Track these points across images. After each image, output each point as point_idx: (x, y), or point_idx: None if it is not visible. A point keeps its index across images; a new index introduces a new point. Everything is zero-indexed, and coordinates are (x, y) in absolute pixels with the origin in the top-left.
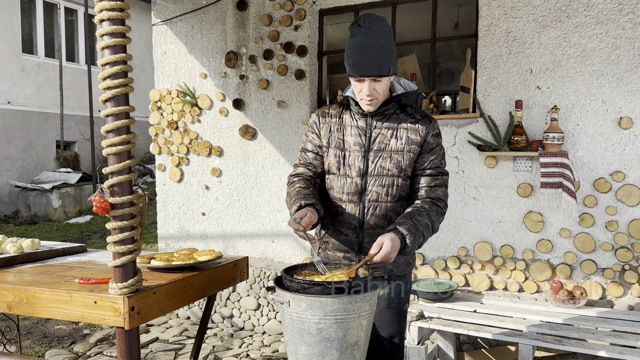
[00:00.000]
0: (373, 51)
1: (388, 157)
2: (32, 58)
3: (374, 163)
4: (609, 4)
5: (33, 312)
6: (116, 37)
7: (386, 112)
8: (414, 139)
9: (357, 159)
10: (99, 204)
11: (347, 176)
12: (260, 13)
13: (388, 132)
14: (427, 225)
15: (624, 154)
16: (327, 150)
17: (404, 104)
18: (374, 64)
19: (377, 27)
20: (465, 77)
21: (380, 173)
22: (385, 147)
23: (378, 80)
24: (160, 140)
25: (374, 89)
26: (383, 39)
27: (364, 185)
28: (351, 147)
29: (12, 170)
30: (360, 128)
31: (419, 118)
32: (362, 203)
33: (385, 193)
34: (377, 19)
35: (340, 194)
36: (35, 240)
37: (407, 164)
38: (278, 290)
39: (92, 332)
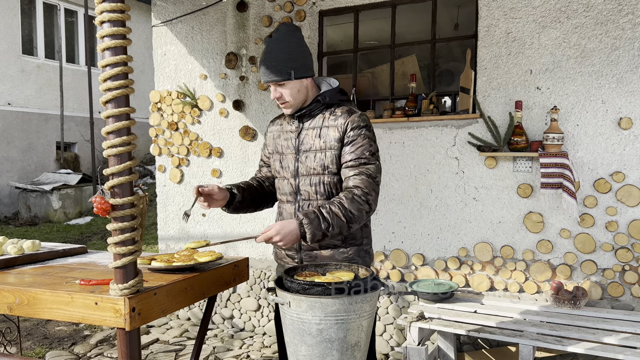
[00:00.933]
0: (271, 58)
1: (313, 156)
2: (32, 59)
3: (302, 163)
4: (608, 4)
5: (34, 314)
6: (117, 38)
7: (312, 113)
8: (334, 136)
9: (290, 161)
10: (100, 205)
11: (284, 178)
12: (260, 14)
13: (313, 132)
14: (336, 213)
15: (623, 155)
16: (272, 156)
17: (330, 103)
18: (272, 70)
19: (280, 36)
20: (465, 77)
21: (308, 172)
22: (311, 147)
23: (282, 85)
24: (161, 141)
25: (280, 94)
26: (282, 45)
27: (297, 186)
28: (286, 151)
29: (13, 171)
30: (293, 131)
31: (339, 114)
32: (297, 203)
33: (314, 192)
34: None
35: (281, 195)
36: (35, 242)
37: (330, 161)
38: (278, 291)
39: (92, 333)
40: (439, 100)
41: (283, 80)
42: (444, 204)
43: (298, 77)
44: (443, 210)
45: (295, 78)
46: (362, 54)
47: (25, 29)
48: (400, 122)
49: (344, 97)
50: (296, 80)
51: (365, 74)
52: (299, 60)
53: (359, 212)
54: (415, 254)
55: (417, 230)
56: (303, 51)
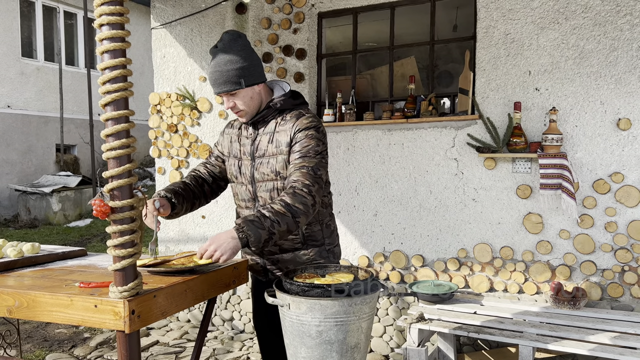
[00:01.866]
0: (219, 68)
1: (266, 162)
2: (32, 62)
3: (257, 170)
4: (606, 5)
5: (33, 316)
6: (115, 41)
7: (266, 119)
8: (283, 141)
9: (247, 167)
10: (99, 208)
11: (242, 184)
12: (259, 16)
13: (266, 137)
14: (278, 210)
15: (622, 155)
16: (228, 159)
17: (282, 109)
18: (220, 81)
19: (225, 46)
20: (464, 79)
21: (263, 179)
22: (265, 153)
23: (233, 94)
24: (160, 143)
25: (234, 103)
26: (229, 54)
27: (255, 192)
28: (243, 156)
29: (12, 174)
30: (250, 137)
31: (289, 119)
32: (255, 209)
33: (269, 197)
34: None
35: (239, 201)
36: (35, 244)
37: (280, 166)
38: (278, 293)
39: (92, 336)
40: (437, 101)
41: (234, 89)
42: (443, 205)
43: (249, 85)
44: (442, 211)
45: (247, 86)
46: (361, 56)
47: (25, 31)
48: (399, 124)
49: (298, 101)
50: (248, 88)
51: (364, 76)
52: (248, 67)
53: (303, 205)
54: (414, 255)
55: (417, 231)
56: (251, 57)
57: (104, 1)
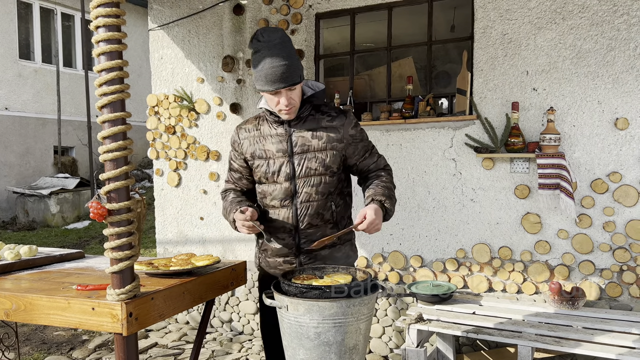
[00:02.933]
0: (281, 62)
1: (313, 157)
2: (29, 64)
3: (300, 165)
4: (603, 5)
5: (31, 319)
6: (112, 43)
7: (302, 116)
8: (333, 136)
9: (283, 165)
10: (96, 210)
11: (275, 183)
12: (256, 17)
13: (308, 133)
14: (391, 188)
15: (620, 155)
16: (253, 163)
17: (317, 104)
18: (285, 75)
19: (276, 39)
20: (462, 79)
21: (308, 174)
22: (309, 149)
23: (293, 89)
24: (158, 145)
25: (291, 98)
26: (286, 49)
27: (294, 188)
28: (275, 155)
29: (10, 176)
30: (280, 135)
31: (335, 115)
32: (294, 206)
33: (315, 192)
34: (274, 31)
35: (273, 201)
36: (32, 247)
37: (332, 160)
38: (276, 295)
39: (91, 338)
40: (435, 102)
41: (296, 83)
42: (441, 206)
43: (302, 80)
44: (441, 211)
45: (302, 80)
46: (358, 57)
47: (22, 33)
48: (397, 124)
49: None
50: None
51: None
52: (300, 63)
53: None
54: (413, 256)
55: (415, 231)
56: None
57: (100, 3)
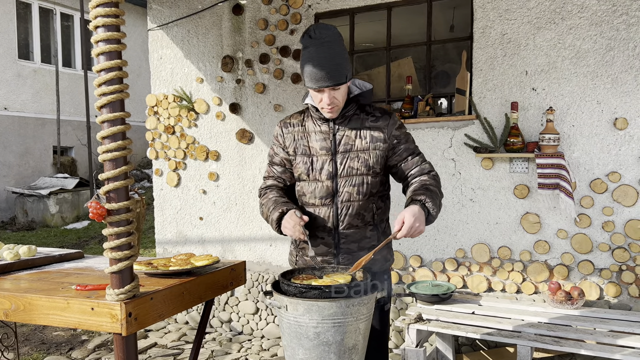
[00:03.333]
0: (329, 62)
1: (355, 157)
2: (29, 64)
3: (342, 164)
4: (602, 5)
5: (30, 319)
6: (111, 43)
7: (347, 114)
8: (377, 137)
9: (326, 163)
10: (95, 210)
11: (317, 180)
12: (256, 17)
13: (352, 133)
14: (435, 190)
15: (619, 155)
16: (294, 159)
17: (362, 104)
18: (330, 74)
19: (328, 37)
20: (461, 79)
21: (350, 173)
22: (352, 148)
23: (337, 89)
24: (157, 145)
25: (334, 97)
26: (336, 48)
27: (335, 187)
28: (318, 152)
29: (9, 176)
30: (324, 132)
31: (379, 115)
32: (334, 205)
33: (357, 192)
34: (327, 28)
35: (313, 199)
36: (32, 247)
37: (375, 161)
38: (275, 295)
39: (90, 338)
40: (435, 102)
41: (341, 83)
42: None
43: (349, 80)
44: (440, 211)
45: (349, 80)
46: (358, 56)
47: (21, 33)
48: None
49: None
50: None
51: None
52: (349, 63)
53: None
54: (412, 256)
55: None
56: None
57: (99, 3)
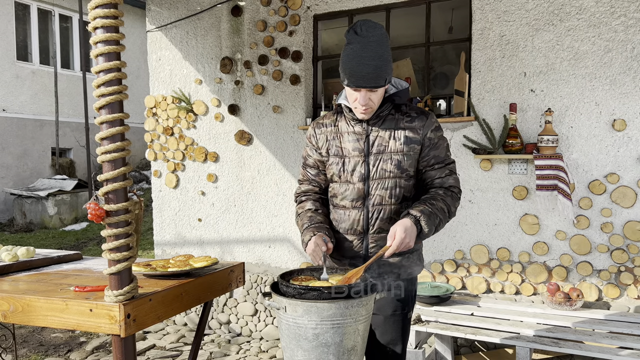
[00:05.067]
0: (371, 62)
1: (388, 159)
2: (27, 65)
3: (375, 166)
4: (601, 7)
5: (28, 321)
6: (110, 44)
7: (381, 115)
8: (412, 138)
9: (358, 164)
10: (94, 212)
11: (349, 182)
12: (254, 19)
13: (386, 133)
14: (442, 208)
15: (618, 156)
16: (327, 159)
17: (398, 104)
18: (371, 76)
19: (374, 36)
20: (460, 80)
21: (382, 176)
22: (385, 150)
23: (374, 91)
24: (156, 146)
25: (369, 99)
26: (380, 49)
27: (367, 190)
28: (350, 154)
29: (7, 177)
30: (358, 133)
31: (415, 116)
32: (366, 208)
33: (389, 195)
34: (374, 27)
35: (344, 201)
36: (30, 248)
37: (409, 163)
38: (274, 296)
39: (88, 340)
40: (433, 103)
41: (380, 86)
42: None
43: (388, 83)
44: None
45: (388, 83)
46: None
47: (20, 34)
48: None
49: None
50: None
51: None
52: (390, 67)
53: (455, 208)
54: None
55: None
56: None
57: (98, 4)
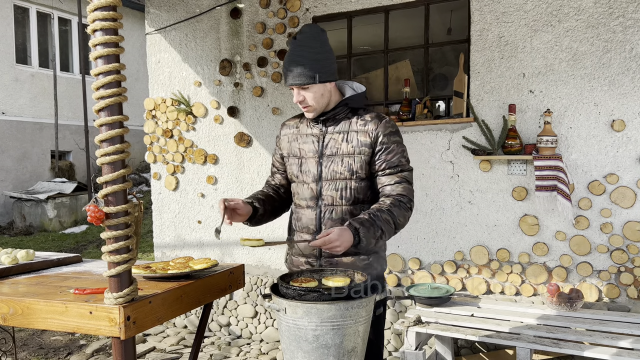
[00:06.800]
0: (297, 61)
1: (340, 160)
2: (26, 68)
3: (327, 168)
4: (599, 8)
5: (28, 324)
6: (109, 46)
7: (337, 117)
8: (364, 141)
9: (312, 165)
10: (94, 214)
11: (304, 182)
12: (253, 21)
13: (339, 136)
14: (386, 220)
15: (617, 156)
16: (288, 160)
17: (355, 107)
18: (296, 73)
19: (306, 38)
20: (459, 82)
21: (334, 177)
22: (337, 152)
23: (305, 88)
24: (155, 148)
25: (303, 97)
26: (310, 49)
27: (319, 190)
28: (306, 155)
29: (7, 180)
30: (315, 135)
31: (369, 119)
32: (318, 208)
33: (340, 196)
34: (309, 30)
35: (301, 200)
36: (30, 251)
37: (359, 166)
38: (274, 298)
39: (88, 343)
40: (433, 104)
41: (307, 83)
42: (439, 208)
43: (322, 81)
44: (439, 214)
45: (320, 82)
46: (356, 59)
47: (19, 37)
48: None
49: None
50: (320, 84)
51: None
52: (324, 64)
53: (404, 219)
54: (411, 258)
55: (413, 234)
56: (329, 55)
57: (97, 7)
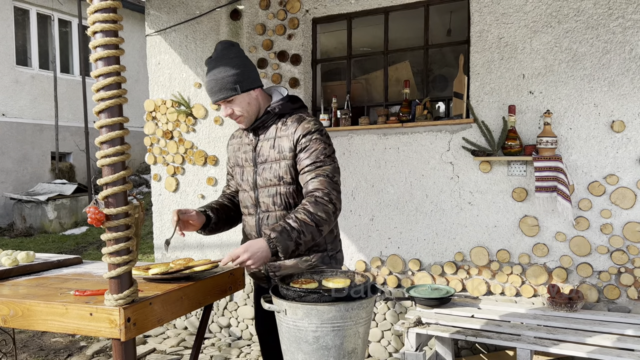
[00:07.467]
0: (213, 77)
1: (269, 167)
2: (26, 70)
3: (260, 176)
4: (598, 9)
5: (28, 325)
6: (109, 48)
7: (266, 125)
8: (286, 146)
9: (249, 174)
10: (94, 215)
11: (245, 191)
12: (253, 22)
13: (267, 143)
14: (303, 220)
15: (617, 157)
16: (234, 169)
17: (282, 113)
18: (216, 89)
19: (219, 55)
20: (459, 83)
21: (266, 184)
22: (267, 159)
23: (230, 101)
24: (156, 150)
25: (231, 110)
26: (224, 63)
27: (256, 198)
28: (245, 163)
29: (7, 182)
30: (251, 144)
31: (290, 124)
32: (257, 215)
33: (272, 203)
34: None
35: (243, 208)
36: (30, 253)
37: (284, 170)
38: (274, 299)
39: (88, 344)
40: (432, 105)
41: (230, 96)
42: (439, 209)
43: (245, 90)
44: (439, 215)
45: (242, 91)
46: (355, 61)
47: (19, 39)
48: (395, 128)
49: (297, 105)
50: (244, 94)
51: (359, 81)
52: (243, 73)
53: (325, 213)
54: (411, 260)
55: (413, 235)
56: (245, 64)
57: (97, 8)
